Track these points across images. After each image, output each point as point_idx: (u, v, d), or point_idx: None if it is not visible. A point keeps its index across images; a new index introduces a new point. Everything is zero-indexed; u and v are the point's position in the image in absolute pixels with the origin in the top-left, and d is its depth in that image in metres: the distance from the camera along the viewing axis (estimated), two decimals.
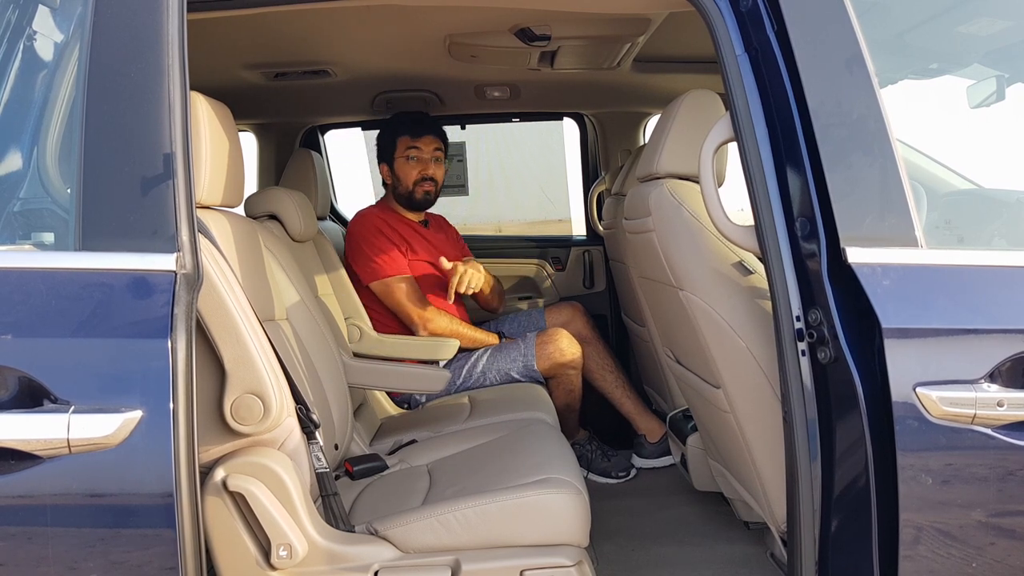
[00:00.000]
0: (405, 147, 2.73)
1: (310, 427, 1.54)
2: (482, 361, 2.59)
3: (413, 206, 2.78)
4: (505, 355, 2.59)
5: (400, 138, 2.74)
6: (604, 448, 2.71)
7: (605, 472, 2.66)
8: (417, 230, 2.79)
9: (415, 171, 2.72)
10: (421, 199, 2.75)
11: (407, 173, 2.73)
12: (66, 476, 1.13)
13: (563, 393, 2.62)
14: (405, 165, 2.73)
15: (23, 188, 1.39)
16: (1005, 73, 1.74)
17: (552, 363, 2.56)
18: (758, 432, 1.60)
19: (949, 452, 1.19)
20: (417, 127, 2.76)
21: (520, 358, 2.58)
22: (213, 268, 1.36)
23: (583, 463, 2.59)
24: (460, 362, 2.60)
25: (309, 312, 2.00)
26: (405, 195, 2.75)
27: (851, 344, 1.21)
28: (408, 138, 2.73)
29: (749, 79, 1.36)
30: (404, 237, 2.70)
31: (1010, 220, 1.72)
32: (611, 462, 2.67)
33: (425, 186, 2.74)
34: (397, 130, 2.77)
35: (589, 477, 2.62)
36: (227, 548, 1.39)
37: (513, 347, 2.61)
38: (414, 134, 2.74)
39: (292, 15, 2.02)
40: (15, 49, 1.38)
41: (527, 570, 1.46)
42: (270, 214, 2.22)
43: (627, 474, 2.66)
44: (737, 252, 1.66)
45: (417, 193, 2.74)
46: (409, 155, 2.72)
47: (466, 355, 2.62)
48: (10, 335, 1.14)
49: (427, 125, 2.77)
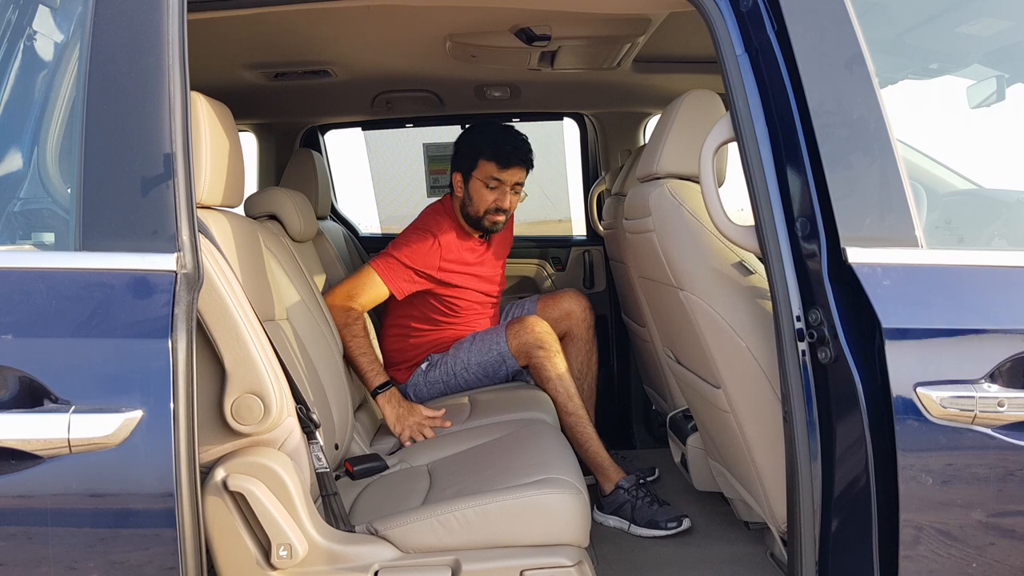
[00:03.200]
0: (487, 174, 2.48)
1: (310, 427, 1.54)
2: (460, 356, 2.51)
3: (477, 229, 2.57)
4: (480, 344, 2.50)
5: (484, 161, 2.48)
6: (654, 494, 2.31)
7: (652, 523, 2.23)
8: (473, 249, 2.58)
9: (490, 199, 2.49)
10: (488, 227, 2.54)
11: (481, 198, 2.49)
12: (66, 476, 1.13)
13: (547, 382, 2.36)
14: (482, 190, 2.49)
15: (23, 188, 1.39)
16: (1005, 73, 1.75)
17: (520, 343, 2.40)
18: (758, 432, 1.60)
19: (949, 452, 1.19)
20: (508, 156, 2.48)
21: (495, 345, 2.46)
22: (213, 268, 1.36)
23: (626, 512, 2.26)
24: (441, 366, 2.54)
25: (309, 312, 2.00)
26: (472, 217, 2.53)
27: (851, 344, 1.21)
28: (495, 167, 2.47)
29: (749, 79, 1.36)
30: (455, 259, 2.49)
31: (1010, 220, 1.72)
32: (662, 509, 2.26)
33: (496, 216, 2.51)
34: (483, 151, 2.49)
35: (632, 530, 2.24)
36: (227, 548, 1.39)
37: (488, 335, 2.51)
38: (501, 163, 2.47)
39: (292, 15, 2.02)
40: (15, 49, 1.38)
41: (527, 570, 1.46)
42: (269, 214, 2.22)
43: (678, 524, 2.21)
44: (737, 252, 1.66)
45: (486, 222, 2.52)
46: (490, 184, 2.48)
47: (442, 356, 2.55)
48: (11, 335, 1.14)
49: (518, 155, 2.50)
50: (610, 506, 2.30)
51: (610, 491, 2.31)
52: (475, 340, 2.54)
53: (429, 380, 2.54)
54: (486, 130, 2.57)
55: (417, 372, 2.55)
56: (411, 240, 2.46)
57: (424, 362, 2.57)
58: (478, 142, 2.52)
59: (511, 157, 2.48)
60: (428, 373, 2.55)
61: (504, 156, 2.47)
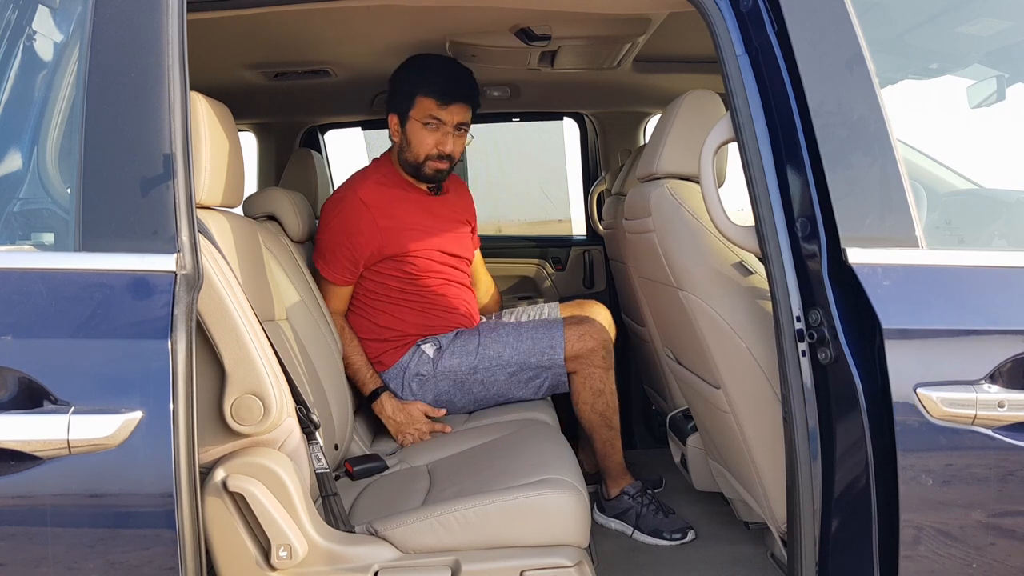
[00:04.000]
0: (426, 112, 2.18)
1: (310, 427, 1.54)
2: (498, 345, 2.18)
3: (418, 178, 2.28)
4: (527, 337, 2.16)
5: (422, 98, 2.18)
6: (660, 503, 2.26)
7: (657, 532, 2.19)
8: (422, 204, 2.30)
9: (430, 142, 2.19)
10: (430, 175, 2.25)
11: (420, 140, 2.19)
12: (66, 477, 1.13)
13: (591, 395, 2.15)
14: (421, 131, 2.19)
15: (23, 188, 1.39)
16: (1005, 73, 1.75)
17: (582, 347, 2.12)
18: (758, 432, 1.60)
19: (950, 453, 1.19)
20: (449, 92, 2.18)
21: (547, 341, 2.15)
22: (213, 268, 1.35)
23: (630, 519, 2.23)
24: (468, 345, 2.19)
25: (309, 312, 2.00)
26: (412, 164, 2.24)
27: (851, 344, 1.21)
28: (434, 103, 2.17)
29: (749, 79, 1.36)
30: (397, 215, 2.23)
31: (1010, 220, 1.72)
32: (667, 519, 2.21)
33: (437, 164, 2.22)
34: (420, 86, 2.18)
35: (635, 536, 2.20)
36: (227, 548, 1.39)
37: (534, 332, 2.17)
38: (441, 99, 2.17)
39: (292, 15, 2.02)
40: (15, 49, 1.38)
41: (527, 570, 1.46)
42: (269, 214, 2.22)
43: (683, 536, 2.17)
44: (737, 252, 1.66)
45: (427, 169, 2.23)
46: (427, 122, 2.18)
47: (473, 338, 2.20)
48: (10, 336, 1.14)
49: (460, 89, 2.20)
50: (612, 510, 2.29)
51: (615, 495, 2.28)
52: (516, 329, 2.19)
53: (441, 371, 2.18)
54: (425, 62, 2.23)
55: (419, 358, 2.21)
56: (330, 218, 2.20)
57: (425, 343, 2.22)
58: (415, 77, 2.20)
59: (453, 92, 2.17)
60: (440, 361, 2.19)
61: (445, 91, 2.16)
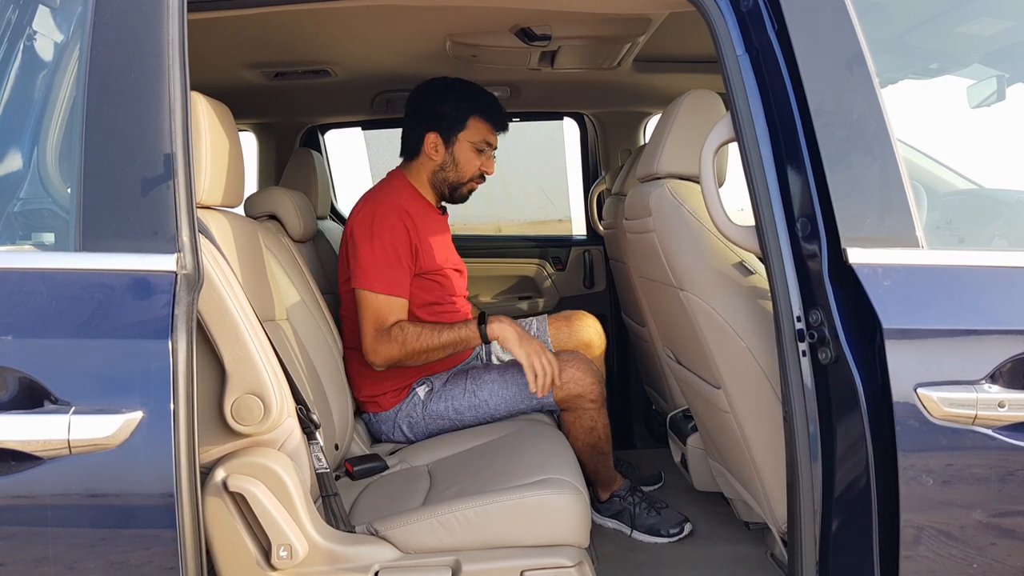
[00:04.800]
0: (480, 135, 2.23)
1: (310, 427, 1.54)
2: (483, 391, 2.13)
3: (450, 198, 2.31)
4: (512, 383, 2.13)
5: (478, 121, 2.22)
6: (651, 499, 2.28)
7: (654, 530, 2.20)
8: (439, 223, 2.30)
9: (477, 164, 2.25)
10: (465, 195, 2.31)
11: (469, 162, 2.23)
12: (67, 477, 1.13)
13: (583, 432, 2.12)
14: (470, 153, 2.23)
15: (23, 188, 1.39)
16: (1005, 73, 1.75)
17: (567, 393, 2.08)
18: (758, 432, 1.60)
19: (950, 453, 1.19)
20: (502, 118, 2.27)
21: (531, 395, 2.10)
22: (213, 268, 1.35)
23: (625, 519, 2.25)
24: (456, 389, 2.14)
25: (309, 312, 2.00)
26: (453, 184, 2.26)
27: (852, 345, 1.21)
28: (490, 128, 2.24)
29: (750, 79, 1.36)
30: (428, 232, 2.18)
31: (1011, 220, 1.72)
32: (661, 516, 2.23)
33: (476, 184, 2.30)
34: (475, 110, 2.22)
35: (634, 536, 2.21)
36: (227, 548, 1.39)
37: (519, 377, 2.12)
38: (498, 125, 2.26)
39: (292, 15, 2.02)
40: (15, 49, 1.37)
41: (527, 570, 1.46)
42: (269, 214, 2.22)
43: (680, 531, 2.20)
44: (738, 252, 1.66)
45: (464, 189, 2.29)
46: (482, 147, 2.24)
47: (461, 382, 2.15)
48: (10, 336, 1.14)
49: (505, 119, 2.31)
50: (606, 511, 2.30)
51: (606, 499, 2.29)
52: (502, 376, 2.15)
53: (429, 413, 2.13)
54: (472, 87, 2.27)
55: (411, 400, 2.14)
56: (383, 233, 2.07)
57: (420, 385, 2.16)
58: (468, 100, 2.23)
59: (505, 119, 2.28)
60: (429, 403, 2.13)
61: (500, 118, 2.26)
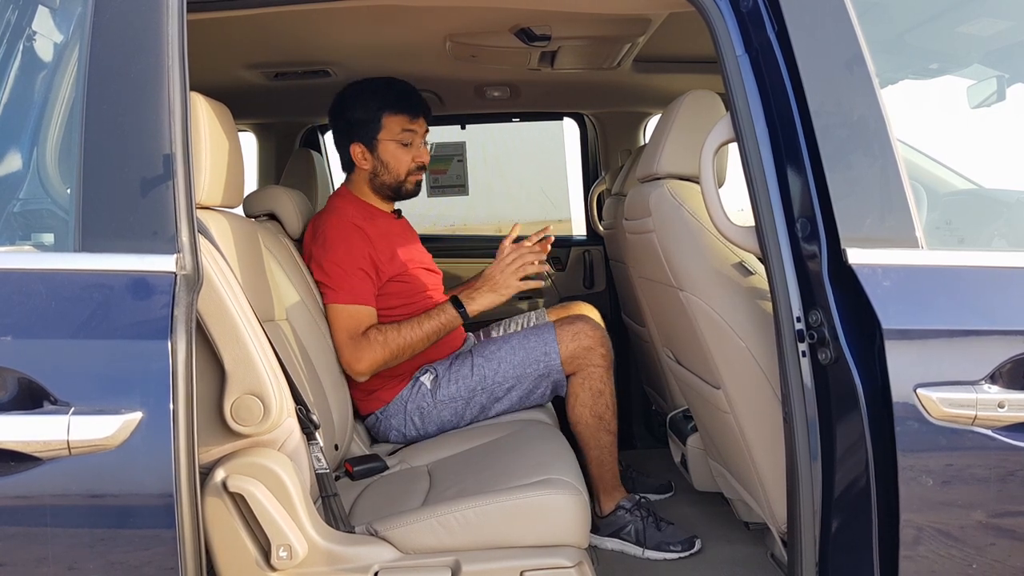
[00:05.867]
0: (399, 128, 2.22)
1: (310, 428, 1.54)
2: (492, 363, 2.14)
3: (397, 197, 2.32)
4: (519, 348, 2.15)
5: (389, 116, 2.22)
6: (656, 515, 2.18)
7: (662, 546, 2.12)
8: (395, 228, 2.32)
9: (407, 158, 2.24)
10: (411, 189, 2.30)
11: (399, 160, 2.23)
12: (66, 477, 1.13)
13: (591, 397, 2.11)
14: (397, 150, 2.23)
15: (23, 188, 1.39)
16: (1005, 73, 1.74)
17: (578, 345, 2.10)
18: (758, 432, 1.60)
19: (950, 453, 1.19)
20: (412, 104, 2.25)
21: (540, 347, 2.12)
22: (213, 269, 1.35)
23: (629, 536, 2.14)
24: (463, 369, 2.15)
25: (309, 312, 2.00)
26: (392, 185, 2.26)
27: (852, 345, 1.21)
28: (405, 118, 2.23)
29: (749, 79, 1.36)
30: (385, 239, 2.21)
31: (1010, 220, 1.72)
32: (664, 532, 2.14)
33: (417, 176, 2.29)
34: (385, 106, 2.22)
35: (645, 555, 2.12)
36: (227, 549, 1.39)
37: (525, 341, 2.15)
38: (412, 112, 2.24)
39: (292, 15, 2.02)
40: (15, 49, 1.38)
41: (527, 571, 1.46)
42: (269, 213, 2.22)
43: (690, 547, 2.12)
44: (737, 253, 1.66)
45: (408, 184, 2.27)
46: (404, 139, 2.23)
47: (467, 360, 2.16)
48: (10, 336, 1.14)
49: (422, 102, 2.29)
50: (608, 527, 2.17)
51: (609, 511, 2.17)
52: (508, 342, 2.18)
53: (440, 399, 2.13)
54: (375, 85, 2.27)
55: (418, 389, 2.15)
56: (336, 249, 2.11)
57: (423, 374, 2.17)
58: (375, 99, 2.24)
59: (417, 104, 2.26)
60: (438, 390, 2.14)
61: (411, 104, 2.24)
